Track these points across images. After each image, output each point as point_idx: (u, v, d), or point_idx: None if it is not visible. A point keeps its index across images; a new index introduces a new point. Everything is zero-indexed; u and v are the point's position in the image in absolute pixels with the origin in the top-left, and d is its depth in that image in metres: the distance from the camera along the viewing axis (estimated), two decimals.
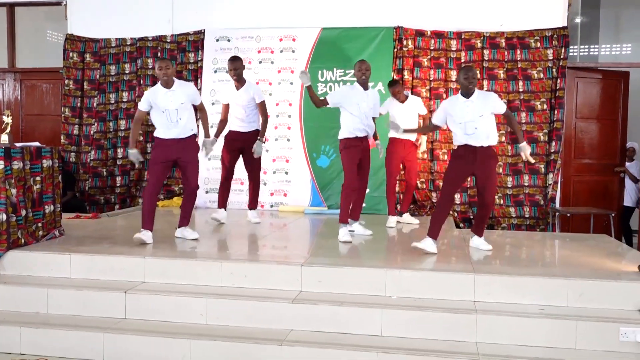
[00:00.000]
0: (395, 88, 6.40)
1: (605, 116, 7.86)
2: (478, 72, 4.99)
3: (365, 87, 5.54)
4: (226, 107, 6.19)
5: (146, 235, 5.04)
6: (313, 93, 5.56)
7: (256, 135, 6.14)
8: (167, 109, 5.13)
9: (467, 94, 4.88)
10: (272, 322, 4.04)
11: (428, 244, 4.82)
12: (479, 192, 5.03)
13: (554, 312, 3.89)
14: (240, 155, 6.23)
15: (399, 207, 6.79)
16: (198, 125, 5.81)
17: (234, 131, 6.17)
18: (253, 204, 6.43)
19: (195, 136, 5.38)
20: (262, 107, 6.15)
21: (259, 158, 6.21)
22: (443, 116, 5.03)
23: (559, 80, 7.22)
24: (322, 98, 5.65)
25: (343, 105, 5.50)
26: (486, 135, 4.88)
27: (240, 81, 6.07)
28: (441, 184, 7.34)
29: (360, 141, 5.51)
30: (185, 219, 5.40)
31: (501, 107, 4.99)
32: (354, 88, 5.58)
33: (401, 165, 6.54)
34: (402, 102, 6.41)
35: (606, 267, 4.50)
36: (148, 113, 5.26)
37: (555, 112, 7.23)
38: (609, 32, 9.91)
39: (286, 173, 7.75)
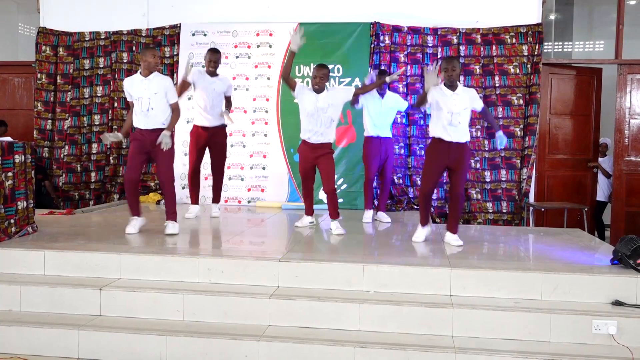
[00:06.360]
0: (384, 77, 6.24)
1: (578, 112, 7.97)
2: (459, 63, 4.98)
3: (318, 92, 5.53)
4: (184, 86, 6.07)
5: (137, 221, 5.40)
6: (290, 62, 5.53)
7: (221, 129, 6.27)
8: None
9: (450, 86, 4.93)
10: (250, 317, 4.03)
11: (420, 234, 5.20)
12: (451, 184, 5.12)
13: (529, 306, 3.94)
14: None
15: (376, 202, 6.78)
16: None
17: (199, 126, 6.21)
18: (217, 198, 6.55)
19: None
20: (229, 99, 6.36)
21: (224, 153, 6.37)
22: (430, 100, 4.95)
23: (533, 76, 7.31)
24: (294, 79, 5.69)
25: (300, 104, 5.58)
26: (465, 131, 4.98)
27: (215, 74, 6.20)
28: (418, 179, 7.45)
29: (316, 147, 5.56)
30: (167, 214, 5.42)
31: (479, 104, 5.07)
32: (309, 90, 5.59)
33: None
34: (383, 96, 6.34)
35: (579, 260, 4.56)
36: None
37: (529, 107, 7.31)
38: (582, 29, 10.05)
39: (263, 168, 7.73)
